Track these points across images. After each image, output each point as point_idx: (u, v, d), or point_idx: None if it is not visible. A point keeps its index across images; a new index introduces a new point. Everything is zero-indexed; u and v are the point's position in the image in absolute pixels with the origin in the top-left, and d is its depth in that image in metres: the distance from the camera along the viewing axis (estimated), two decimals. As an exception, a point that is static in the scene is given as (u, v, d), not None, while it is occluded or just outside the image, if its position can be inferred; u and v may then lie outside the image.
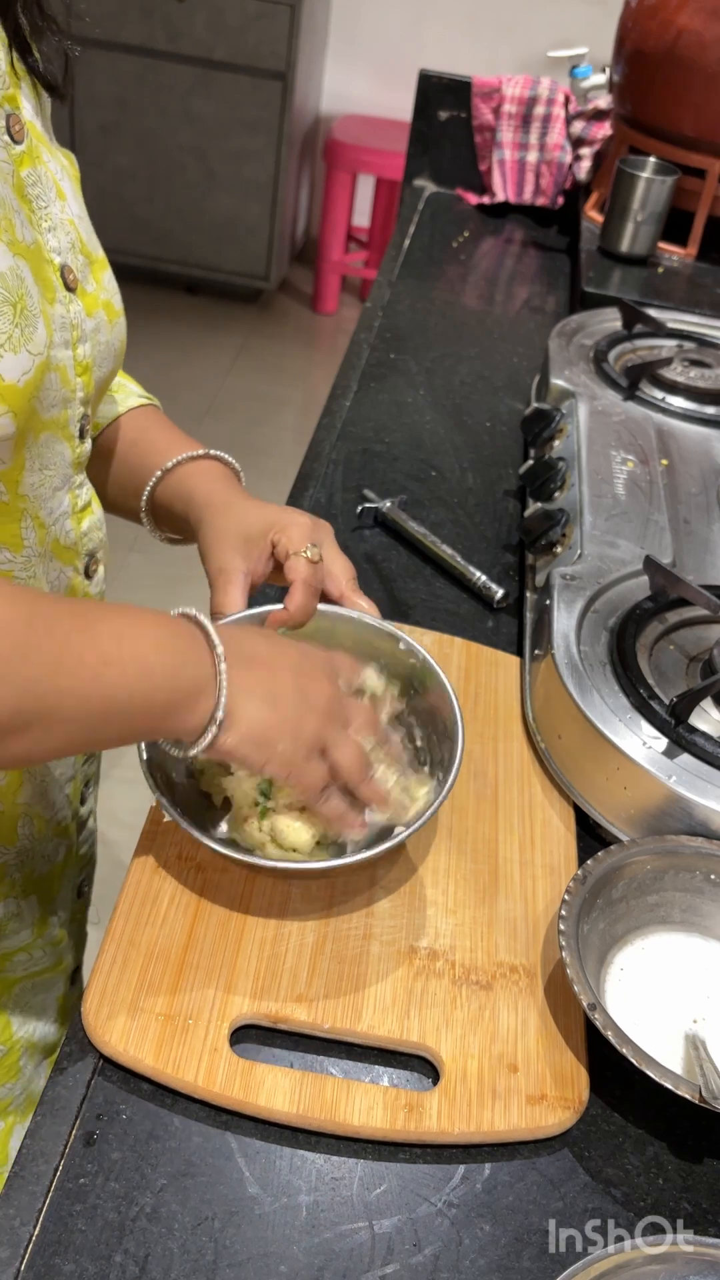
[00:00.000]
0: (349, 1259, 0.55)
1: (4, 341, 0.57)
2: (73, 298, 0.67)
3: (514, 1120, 0.60)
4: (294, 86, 3.46)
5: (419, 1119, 0.60)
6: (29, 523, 0.66)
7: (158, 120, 3.55)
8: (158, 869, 0.70)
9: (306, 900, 0.70)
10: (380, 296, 1.58)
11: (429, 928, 0.70)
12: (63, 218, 0.66)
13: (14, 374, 0.58)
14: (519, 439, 1.27)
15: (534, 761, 0.83)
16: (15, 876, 0.77)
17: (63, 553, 0.72)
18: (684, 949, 0.71)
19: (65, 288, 0.66)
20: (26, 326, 0.59)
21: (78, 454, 0.71)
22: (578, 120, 1.81)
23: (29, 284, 0.60)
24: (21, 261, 0.59)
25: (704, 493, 1.06)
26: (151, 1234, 0.55)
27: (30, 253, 0.61)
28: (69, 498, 0.71)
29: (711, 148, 1.58)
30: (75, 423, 0.69)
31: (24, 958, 0.81)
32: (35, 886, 0.80)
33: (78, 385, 0.68)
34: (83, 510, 0.73)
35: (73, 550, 0.73)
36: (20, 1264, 0.53)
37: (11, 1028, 0.80)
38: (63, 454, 0.69)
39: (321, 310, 4.03)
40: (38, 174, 0.64)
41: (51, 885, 0.83)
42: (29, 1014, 0.82)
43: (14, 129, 0.62)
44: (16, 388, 0.58)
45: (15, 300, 0.58)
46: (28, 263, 0.60)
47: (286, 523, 0.76)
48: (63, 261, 0.66)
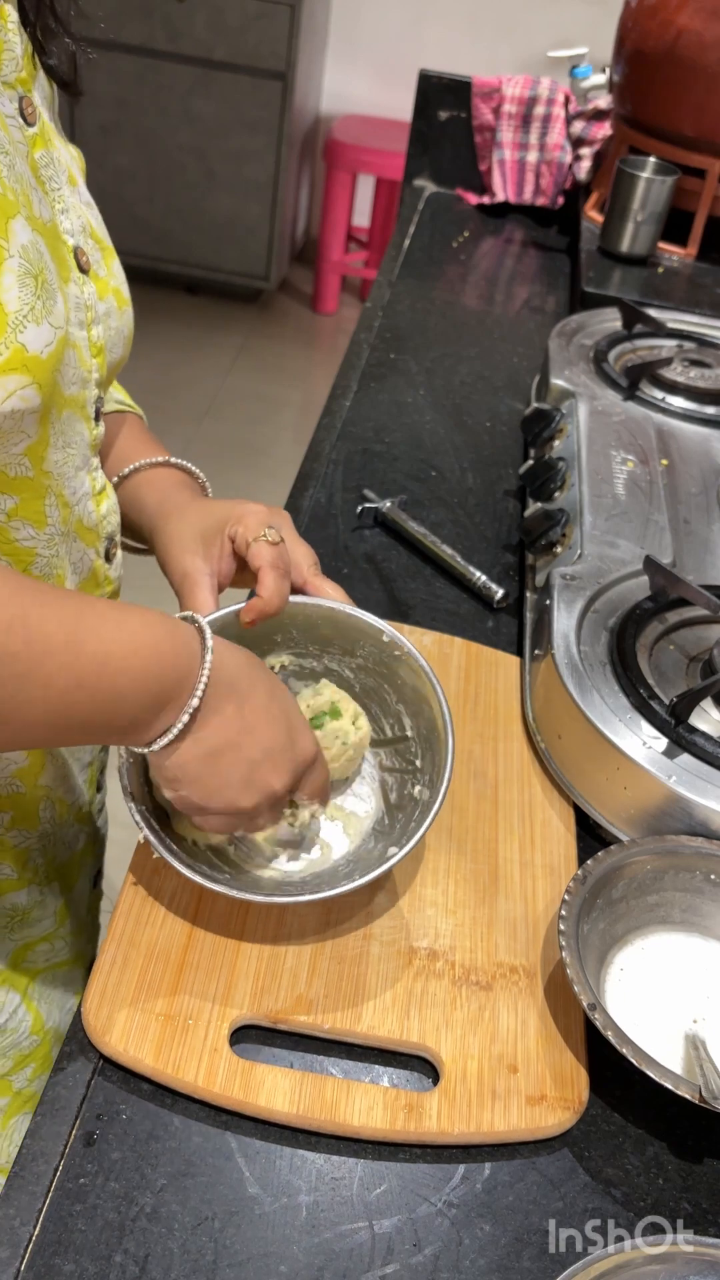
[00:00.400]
0: (349, 1259, 0.55)
1: (27, 312, 0.57)
2: (86, 279, 0.67)
3: (514, 1121, 0.60)
4: (294, 86, 3.46)
5: (419, 1119, 0.60)
6: (52, 500, 0.66)
7: (158, 120, 3.55)
8: (158, 869, 0.70)
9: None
10: (380, 296, 1.58)
11: (429, 928, 0.70)
12: (74, 201, 0.67)
13: (37, 345, 0.58)
14: (519, 439, 1.27)
15: (534, 762, 0.83)
16: (39, 862, 0.78)
17: (85, 534, 0.72)
18: (684, 949, 0.71)
19: (79, 269, 0.66)
20: (47, 299, 0.59)
21: (94, 435, 0.71)
22: (578, 120, 1.81)
23: (47, 259, 0.60)
24: (39, 237, 0.59)
25: (704, 493, 1.06)
26: (151, 1234, 0.55)
27: (46, 230, 0.61)
28: (89, 479, 0.71)
29: (711, 148, 1.58)
30: (91, 404, 0.70)
31: (45, 948, 0.81)
32: (57, 874, 0.81)
33: (93, 366, 0.69)
34: (100, 493, 0.74)
35: (94, 532, 0.73)
36: (20, 1264, 0.53)
37: (42, 1018, 0.80)
38: (82, 434, 0.69)
39: (321, 310, 4.03)
40: (50, 156, 0.64)
41: (71, 873, 0.83)
42: (54, 1006, 0.82)
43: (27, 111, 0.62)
44: (40, 359, 0.58)
45: (36, 272, 0.58)
46: (44, 239, 0.60)
47: (240, 513, 0.75)
48: (76, 243, 0.66)
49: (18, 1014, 0.78)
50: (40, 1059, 0.80)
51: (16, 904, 0.77)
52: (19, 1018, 0.78)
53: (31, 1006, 0.79)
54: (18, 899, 0.77)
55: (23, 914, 0.78)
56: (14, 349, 0.56)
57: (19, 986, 0.78)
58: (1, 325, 0.55)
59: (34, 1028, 0.79)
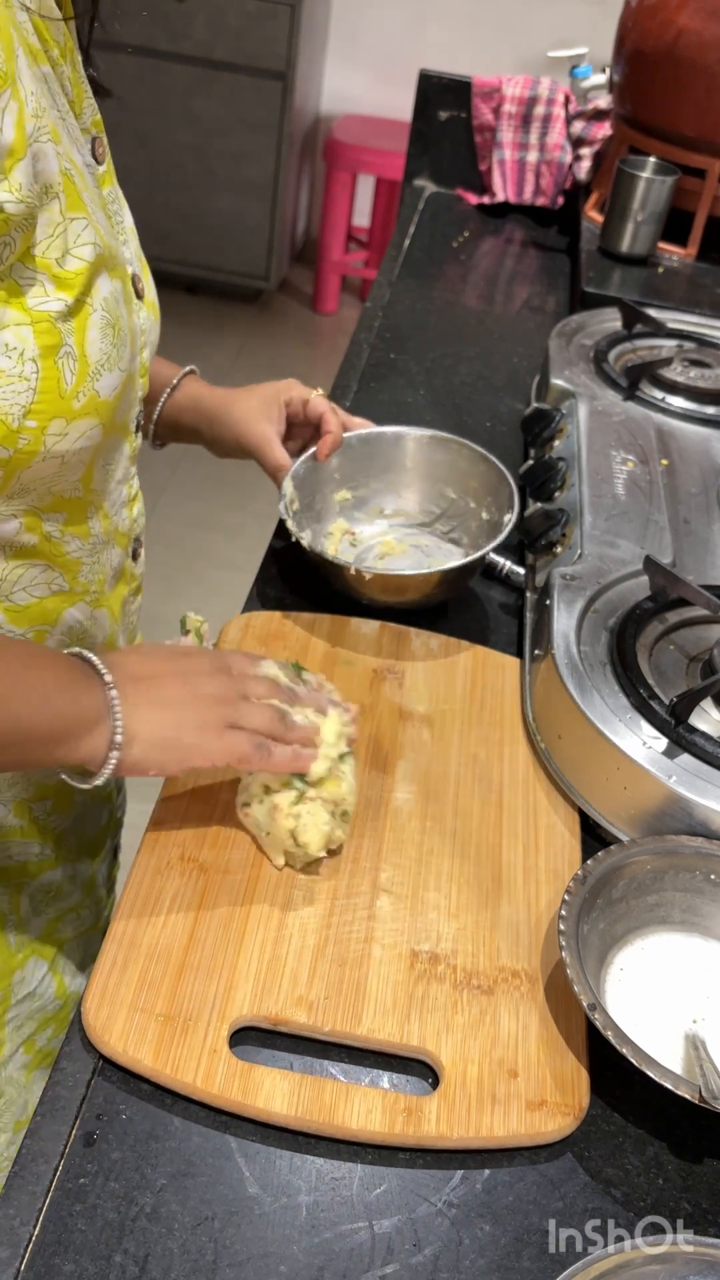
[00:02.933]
0: (349, 1259, 0.55)
1: (104, 361, 0.61)
2: (140, 305, 0.71)
3: (513, 1126, 0.60)
4: (294, 86, 3.46)
5: (418, 1123, 0.60)
6: (94, 513, 0.71)
7: (158, 120, 3.55)
8: (160, 869, 0.70)
9: (308, 902, 0.70)
10: (380, 296, 1.58)
11: (431, 931, 0.70)
12: (129, 227, 0.71)
13: (108, 391, 0.62)
14: (519, 439, 1.27)
15: (538, 765, 0.83)
16: (71, 842, 0.82)
17: (119, 539, 0.76)
18: (684, 949, 0.71)
19: (136, 296, 0.70)
20: (120, 345, 0.63)
21: (134, 448, 0.75)
22: (578, 120, 1.81)
23: (121, 305, 0.64)
24: (118, 284, 0.63)
25: (704, 493, 1.06)
26: (151, 1234, 0.55)
27: (121, 271, 0.64)
28: (125, 489, 0.76)
29: (711, 148, 1.58)
30: (134, 420, 0.74)
31: (73, 917, 0.86)
32: (85, 850, 0.86)
33: (139, 386, 0.73)
34: (134, 498, 0.78)
35: (126, 535, 0.78)
36: (20, 1264, 0.53)
37: (65, 984, 0.85)
38: (124, 450, 0.73)
39: (321, 310, 4.02)
40: (114, 192, 0.68)
41: (97, 848, 0.88)
42: (79, 969, 0.87)
43: (98, 151, 0.65)
44: (109, 403, 0.63)
45: (114, 321, 0.62)
46: (122, 283, 0.64)
47: (286, 385, 0.97)
48: (134, 271, 0.70)
49: (44, 981, 0.83)
50: (60, 1021, 0.85)
51: (52, 881, 0.82)
52: (45, 984, 0.83)
53: (57, 974, 0.84)
54: (54, 876, 0.82)
55: (57, 889, 0.83)
56: (90, 396, 0.61)
57: (47, 956, 0.83)
58: (83, 375, 0.60)
59: (58, 992, 0.84)
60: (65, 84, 0.61)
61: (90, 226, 0.59)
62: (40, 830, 0.78)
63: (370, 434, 1.03)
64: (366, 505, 1.05)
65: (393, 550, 1.02)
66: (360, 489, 1.04)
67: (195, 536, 2.86)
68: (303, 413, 0.97)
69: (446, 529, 1.04)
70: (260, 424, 0.93)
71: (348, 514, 1.04)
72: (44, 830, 0.78)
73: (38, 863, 0.80)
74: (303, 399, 0.96)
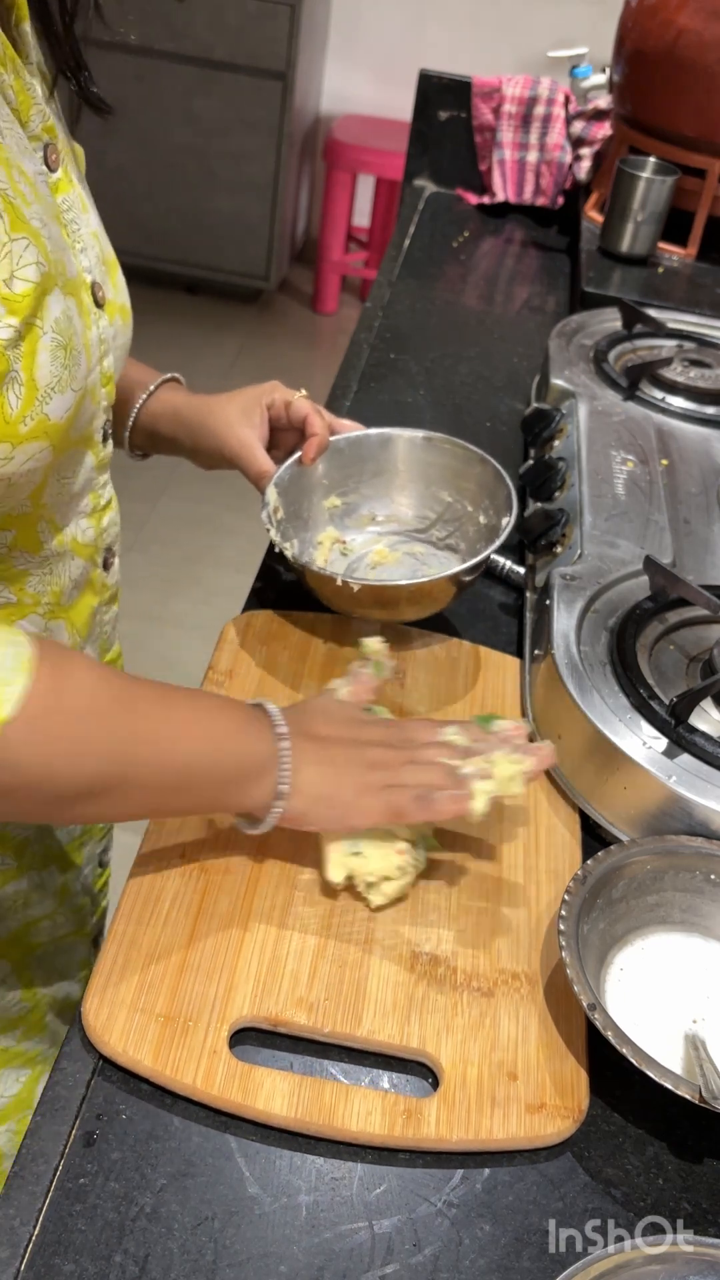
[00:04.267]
0: (349, 1259, 0.55)
1: (54, 385, 0.60)
2: (101, 314, 0.69)
3: (513, 1129, 0.60)
4: (294, 86, 3.46)
5: (417, 1125, 0.60)
6: (44, 526, 0.69)
7: (158, 120, 3.55)
8: (160, 870, 0.70)
9: (309, 903, 0.70)
10: (380, 296, 1.58)
11: (431, 933, 0.70)
12: (89, 233, 0.69)
13: (59, 413, 0.61)
14: (519, 439, 1.27)
15: (535, 763, 0.83)
16: (35, 849, 0.80)
17: (81, 549, 0.74)
18: (684, 949, 0.71)
19: (96, 305, 0.68)
20: (73, 365, 0.61)
21: (101, 458, 0.73)
22: (578, 120, 1.81)
23: (75, 321, 0.62)
24: (70, 300, 0.61)
25: (704, 493, 1.06)
26: (151, 1234, 0.55)
27: (73, 285, 0.63)
28: (90, 499, 0.74)
29: (711, 148, 1.58)
30: (99, 431, 0.72)
31: (48, 924, 0.84)
32: (55, 858, 0.84)
33: (102, 396, 0.71)
34: (104, 508, 0.76)
35: (92, 546, 0.76)
36: (20, 1264, 0.53)
37: (36, 987, 0.84)
38: (86, 462, 0.71)
39: (321, 310, 4.02)
40: (70, 199, 0.66)
41: (73, 856, 0.86)
42: (53, 975, 0.87)
43: (50, 158, 0.64)
44: (59, 424, 0.61)
45: (66, 343, 0.60)
46: (74, 299, 0.62)
47: (268, 388, 0.92)
48: (93, 279, 0.68)
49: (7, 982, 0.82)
50: (31, 1024, 0.85)
51: (19, 889, 0.80)
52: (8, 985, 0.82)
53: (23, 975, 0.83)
54: (19, 885, 0.80)
55: (23, 898, 0.81)
56: (38, 420, 0.59)
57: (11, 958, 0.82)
58: (30, 400, 0.58)
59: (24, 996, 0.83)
60: (7, 93, 0.59)
61: (33, 246, 0.57)
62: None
63: (358, 436, 0.97)
64: (357, 512, 1.00)
65: (385, 559, 0.97)
66: (350, 495, 0.99)
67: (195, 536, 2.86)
68: (286, 416, 0.92)
69: (443, 535, 0.99)
70: (240, 430, 0.89)
71: (338, 522, 0.99)
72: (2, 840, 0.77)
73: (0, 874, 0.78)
74: (285, 401, 0.91)
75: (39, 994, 0.85)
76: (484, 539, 0.93)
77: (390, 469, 0.99)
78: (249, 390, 0.92)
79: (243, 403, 0.91)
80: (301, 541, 0.95)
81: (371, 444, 0.98)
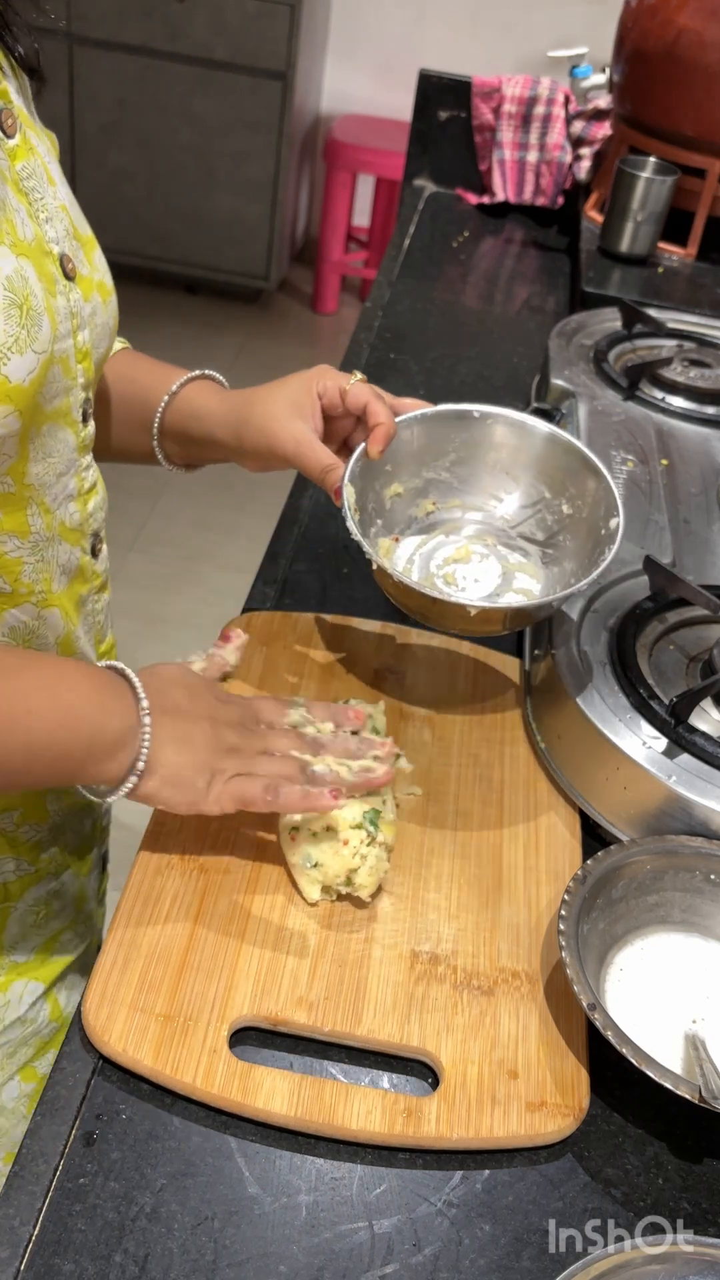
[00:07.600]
0: (349, 1259, 0.55)
1: (11, 345, 0.58)
2: (72, 286, 0.67)
3: (513, 1127, 0.60)
4: (294, 86, 3.45)
5: (417, 1124, 0.60)
6: (34, 509, 0.68)
7: (158, 120, 3.55)
8: (160, 870, 0.70)
9: (309, 903, 0.70)
10: (380, 296, 1.58)
11: (431, 932, 0.70)
12: (56, 205, 0.67)
13: (20, 375, 0.59)
14: (519, 439, 1.27)
15: (539, 765, 0.83)
16: (51, 851, 0.80)
17: (69, 534, 0.73)
18: (684, 949, 0.71)
19: (65, 277, 0.66)
20: (31, 326, 0.60)
21: (82, 438, 0.72)
22: (578, 120, 1.81)
23: (33, 283, 0.60)
24: (25, 261, 0.60)
25: (704, 493, 1.06)
26: (151, 1234, 0.55)
27: (32, 250, 0.61)
28: (75, 481, 0.72)
29: (711, 148, 1.58)
30: (78, 408, 0.70)
31: (70, 936, 0.84)
32: (70, 862, 0.83)
33: (78, 372, 0.69)
34: (89, 491, 0.75)
35: (79, 531, 0.74)
36: (20, 1264, 0.53)
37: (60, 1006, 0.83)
38: (67, 441, 0.70)
39: (321, 310, 4.02)
40: (31, 166, 0.64)
41: (83, 861, 0.86)
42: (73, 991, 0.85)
43: (6, 123, 0.62)
44: (22, 387, 0.60)
45: (21, 302, 0.59)
46: (31, 261, 0.61)
47: (318, 373, 0.81)
48: (61, 251, 0.66)
49: (38, 1004, 0.80)
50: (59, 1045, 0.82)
51: (39, 897, 0.79)
52: (38, 1008, 0.80)
53: (52, 998, 0.82)
54: (39, 892, 0.79)
55: (46, 907, 0.80)
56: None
57: (42, 979, 0.81)
58: None
59: (52, 1015, 0.82)
60: None
61: None
62: (11, 843, 0.76)
63: (429, 414, 0.85)
64: (420, 500, 0.89)
65: (464, 557, 0.87)
66: (414, 480, 0.88)
67: (195, 536, 2.86)
68: (341, 404, 0.80)
69: (519, 526, 0.88)
70: (292, 425, 0.78)
71: (401, 513, 0.88)
72: (15, 843, 0.76)
73: (18, 881, 0.77)
74: (339, 388, 0.80)
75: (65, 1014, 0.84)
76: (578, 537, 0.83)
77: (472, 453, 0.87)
78: (296, 378, 0.81)
79: (291, 394, 0.80)
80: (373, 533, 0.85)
81: (445, 422, 0.86)
